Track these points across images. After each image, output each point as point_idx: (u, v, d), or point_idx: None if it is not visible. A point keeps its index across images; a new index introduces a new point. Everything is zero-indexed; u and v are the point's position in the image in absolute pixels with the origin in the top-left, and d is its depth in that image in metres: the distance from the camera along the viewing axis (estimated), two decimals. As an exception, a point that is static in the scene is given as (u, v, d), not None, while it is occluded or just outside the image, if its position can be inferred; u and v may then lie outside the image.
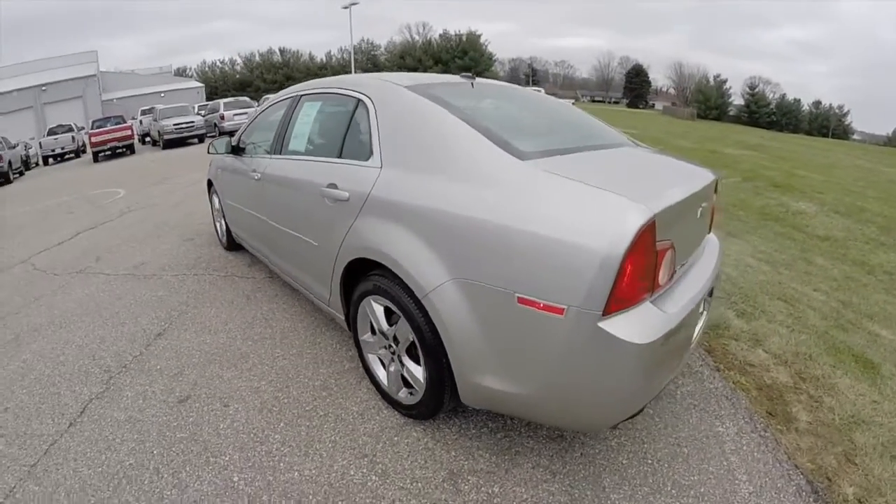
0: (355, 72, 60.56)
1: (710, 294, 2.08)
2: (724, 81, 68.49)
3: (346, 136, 2.33)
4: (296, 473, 1.85)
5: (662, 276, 1.58)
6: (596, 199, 1.47)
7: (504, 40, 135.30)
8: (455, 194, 1.69)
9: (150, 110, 22.45)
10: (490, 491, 1.73)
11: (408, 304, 1.80)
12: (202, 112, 22.09)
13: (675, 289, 1.73)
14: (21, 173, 17.43)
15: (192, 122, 18.09)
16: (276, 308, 3.36)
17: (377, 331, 2.13)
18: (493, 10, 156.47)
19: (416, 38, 66.25)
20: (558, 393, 1.55)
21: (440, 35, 64.60)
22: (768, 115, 66.08)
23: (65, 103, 33.39)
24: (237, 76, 64.82)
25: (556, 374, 1.51)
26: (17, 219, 8.20)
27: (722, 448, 1.98)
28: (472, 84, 2.46)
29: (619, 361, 1.42)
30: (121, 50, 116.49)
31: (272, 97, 3.53)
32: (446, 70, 55.41)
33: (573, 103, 27.84)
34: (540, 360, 1.52)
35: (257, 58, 67.43)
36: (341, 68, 57.80)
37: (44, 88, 33.27)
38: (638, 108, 70.04)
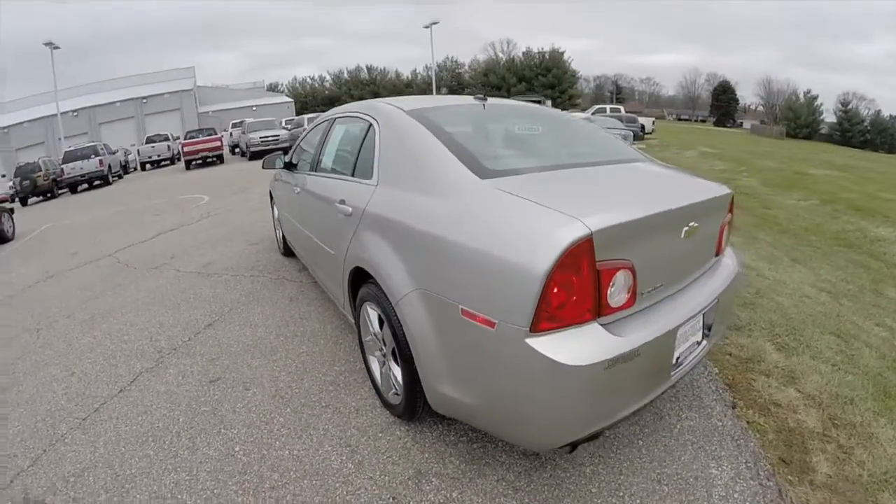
0: (438, 90, 63.21)
1: (710, 324, 2.05)
2: (815, 98, 63.14)
3: (358, 156, 2.65)
4: (286, 452, 2.15)
5: (615, 299, 1.58)
6: (533, 215, 1.56)
7: (590, 57, 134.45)
8: (421, 209, 1.92)
9: (240, 123, 24.84)
10: (449, 495, 1.88)
11: (389, 310, 2.04)
12: (288, 126, 24.08)
13: (647, 313, 1.72)
14: (120, 176, 20.18)
15: (277, 135, 19.81)
16: (313, 310, 3.74)
17: (372, 334, 2.39)
18: (579, 27, 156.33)
19: (501, 55, 68.11)
20: (501, 406, 1.66)
21: (523, 52, 66.09)
22: (861, 133, 60.15)
23: (163, 115, 37.90)
24: (326, 92, 69.69)
25: (497, 387, 1.62)
26: (111, 218, 9.54)
27: (709, 492, 1.89)
28: (483, 106, 2.69)
29: (553, 381, 1.46)
30: (218, 65, 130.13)
31: (320, 117, 3.99)
32: (530, 88, 56.35)
33: (653, 122, 26.89)
34: (482, 372, 1.65)
35: (345, 74, 72.37)
36: (426, 86, 60.34)
37: (144, 101, 38.13)
38: (725, 126, 66.94)
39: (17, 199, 17.04)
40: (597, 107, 25.62)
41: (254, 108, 40.44)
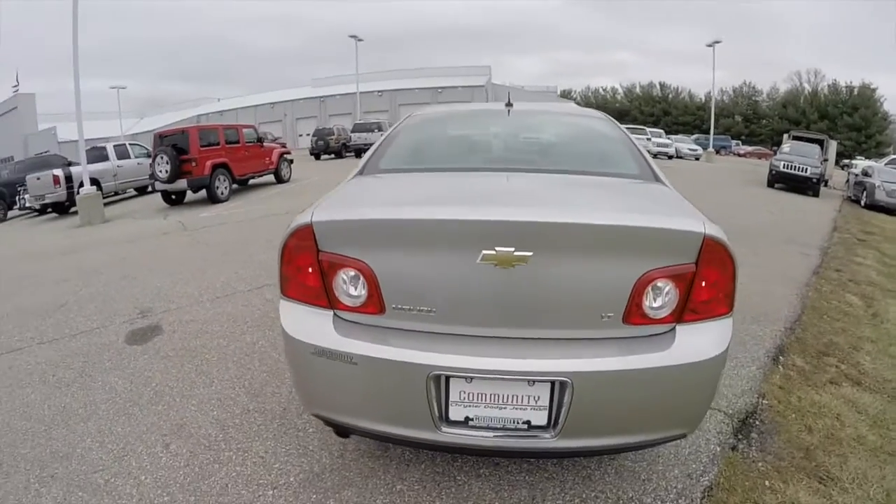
0: (731, 117, 59.20)
1: (566, 411, 1.62)
2: None
3: None
4: (276, 354, 3.59)
5: (346, 296, 1.72)
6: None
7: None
8: None
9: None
10: (299, 426, 2.31)
11: None
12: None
13: (404, 336, 1.69)
14: (379, 153, 25.10)
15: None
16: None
17: None
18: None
19: (806, 86, 58.91)
20: None
21: (829, 85, 56.17)
22: None
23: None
24: (616, 104, 70.09)
25: None
26: (327, 182, 12.66)
27: None
28: (508, 112, 3.04)
29: (285, 341, 1.82)
30: (517, 65, 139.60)
31: None
32: (832, 127, 49.11)
33: None
34: None
35: (638, 89, 71.61)
36: (719, 110, 55.84)
37: (440, 90, 45.50)
38: None
39: (311, 154, 23.03)
40: (892, 157, 22.34)
41: (541, 111, 43.36)
